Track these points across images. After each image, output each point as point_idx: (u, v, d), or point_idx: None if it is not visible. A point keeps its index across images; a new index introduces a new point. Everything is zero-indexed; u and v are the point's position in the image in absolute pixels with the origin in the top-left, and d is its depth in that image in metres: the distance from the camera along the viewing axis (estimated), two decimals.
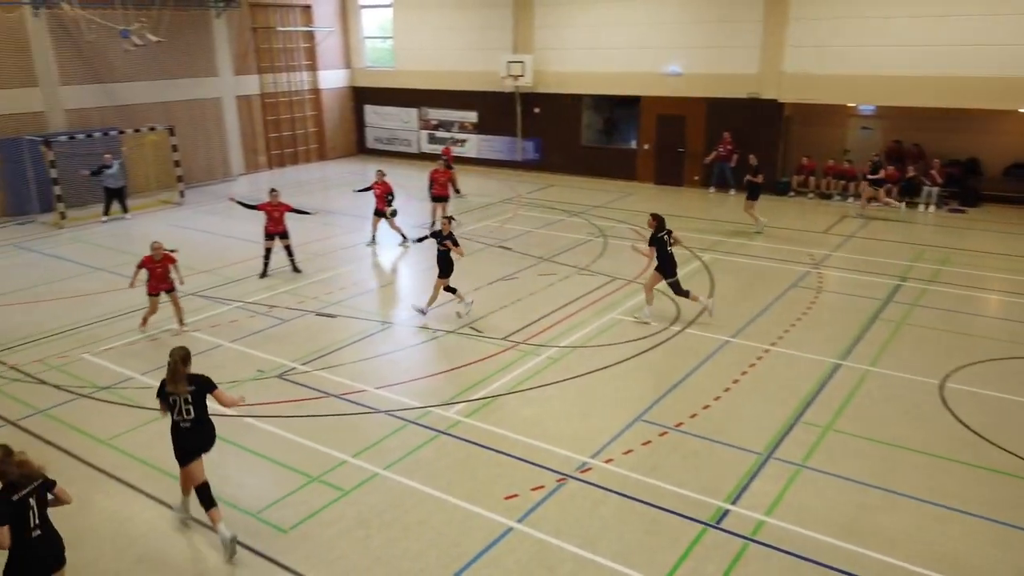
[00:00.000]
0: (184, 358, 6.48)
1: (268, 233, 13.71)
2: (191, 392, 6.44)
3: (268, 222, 13.66)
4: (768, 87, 19.91)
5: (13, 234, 17.43)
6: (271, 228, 13.68)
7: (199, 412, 6.52)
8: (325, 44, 26.60)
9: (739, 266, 14.38)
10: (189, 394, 6.43)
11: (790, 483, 7.47)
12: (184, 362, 6.46)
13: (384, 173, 16.02)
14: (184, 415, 6.48)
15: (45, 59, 19.12)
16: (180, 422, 6.50)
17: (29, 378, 9.94)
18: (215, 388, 6.60)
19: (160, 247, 11.15)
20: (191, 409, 6.47)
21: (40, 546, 5.29)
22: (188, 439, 6.54)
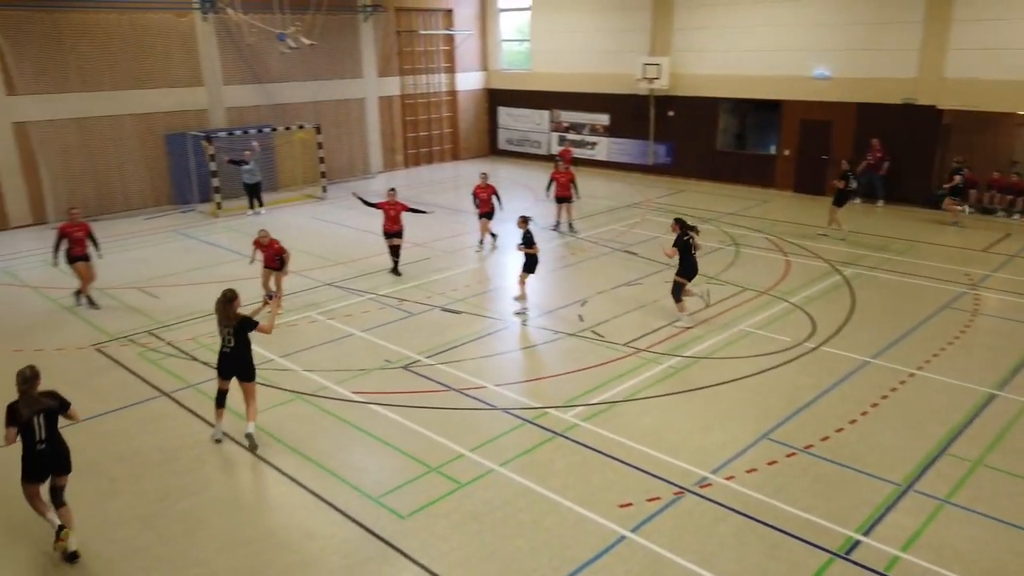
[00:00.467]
0: (228, 300, 8.13)
1: (385, 232, 14.11)
2: (234, 327, 8.13)
3: (385, 220, 14.03)
4: (926, 92, 18.55)
5: (175, 221, 18.99)
6: (387, 227, 14.03)
7: (239, 342, 8.17)
8: (463, 47, 27.27)
9: (883, 282, 13.48)
10: (232, 328, 8.13)
11: (931, 519, 6.91)
12: (228, 303, 8.13)
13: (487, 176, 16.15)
14: (227, 344, 8.18)
15: (211, 60, 20.70)
16: (223, 348, 8.21)
17: (183, 354, 10.78)
18: (256, 325, 8.25)
19: (266, 234, 12.23)
20: (232, 340, 8.14)
21: (43, 455, 6.47)
22: (225, 362, 8.24)
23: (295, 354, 10.67)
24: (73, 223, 12.38)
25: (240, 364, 8.19)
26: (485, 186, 15.74)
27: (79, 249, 12.32)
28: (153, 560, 6.49)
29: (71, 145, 18.62)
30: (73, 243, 12.26)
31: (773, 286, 13.28)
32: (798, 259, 14.92)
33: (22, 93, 17.63)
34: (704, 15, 22.08)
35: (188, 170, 20.05)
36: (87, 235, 12.39)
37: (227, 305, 8.09)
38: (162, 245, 16.77)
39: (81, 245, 12.32)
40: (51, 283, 13.92)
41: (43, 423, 6.39)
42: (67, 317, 12.32)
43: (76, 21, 18.25)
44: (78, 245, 12.30)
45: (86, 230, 12.42)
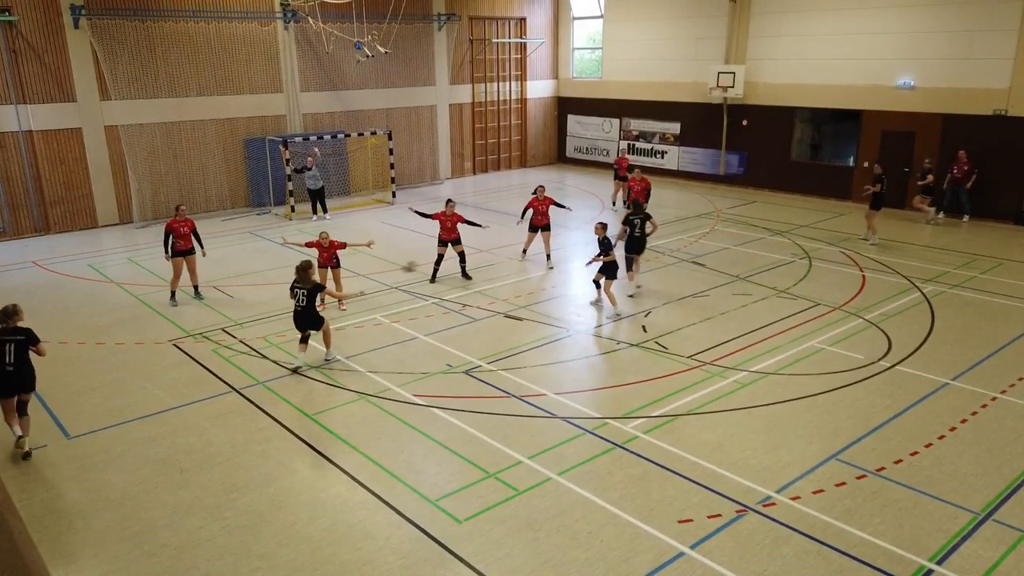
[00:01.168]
0: (307, 267, 10.25)
1: (440, 240, 14.21)
2: (308, 289, 10.13)
3: (441, 230, 14.16)
4: (1021, 104, 17.67)
5: (252, 223, 19.64)
6: (444, 235, 14.15)
7: (308, 303, 10.16)
8: (535, 55, 27.39)
9: (965, 301, 12.87)
10: (306, 290, 10.11)
11: (1011, 550, 6.53)
12: (305, 270, 10.21)
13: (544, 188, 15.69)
14: (299, 303, 10.17)
15: (290, 68, 21.38)
16: (296, 307, 10.24)
17: (254, 352, 11.12)
18: (324, 288, 10.55)
19: (327, 236, 12.78)
20: (304, 300, 10.12)
21: (10, 376, 8.14)
22: (297, 318, 10.34)
23: (360, 355, 10.87)
24: (180, 219, 13.09)
25: (309, 319, 10.28)
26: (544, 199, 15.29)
27: (185, 244, 13.04)
28: (218, 550, 6.69)
29: (157, 148, 19.50)
30: (179, 238, 12.98)
31: (847, 302, 12.84)
32: (875, 274, 14.39)
33: (115, 98, 18.56)
34: (782, 23, 21.60)
35: (265, 173, 20.74)
36: (192, 231, 13.13)
37: (305, 272, 10.18)
38: (238, 245, 17.37)
39: (187, 240, 13.06)
40: (135, 280, 14.58)
41: (12, 351, 8.12)
42: (147, 313, 12.88)
43: (167, 30, 19.12)
44: (184, 240, 13.02)
45: (191, 226, 13.16)
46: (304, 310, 10.18)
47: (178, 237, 12.96)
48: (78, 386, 10.04)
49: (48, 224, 18.40)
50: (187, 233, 13.05)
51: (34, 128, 17.72)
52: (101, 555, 6.67)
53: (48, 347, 8.84)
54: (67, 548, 6.77)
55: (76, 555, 6.68)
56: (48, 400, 9.62)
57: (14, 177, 17.74)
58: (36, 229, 18.29)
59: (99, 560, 6.60)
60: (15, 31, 17.10)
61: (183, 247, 13.03)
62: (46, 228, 18.40)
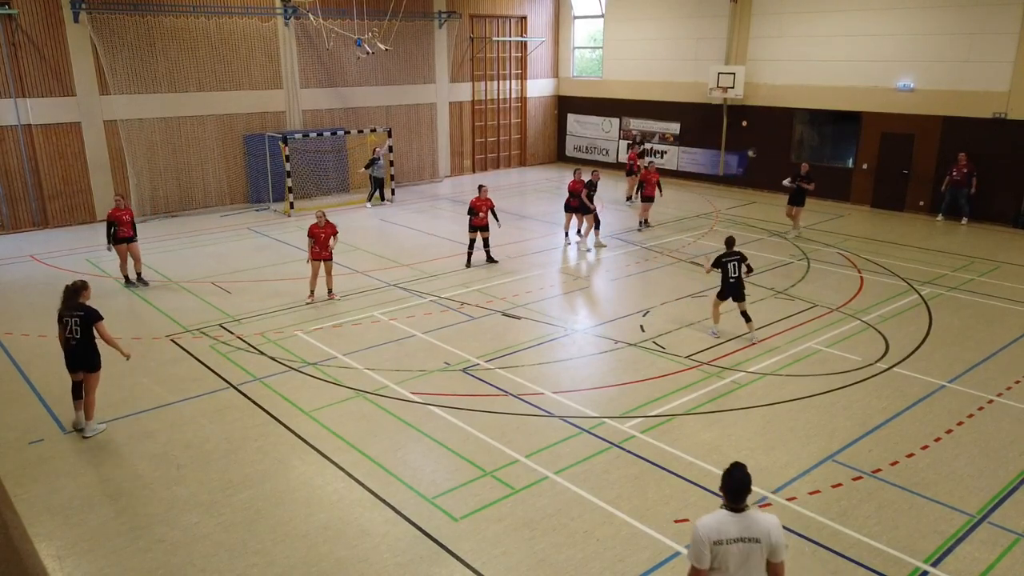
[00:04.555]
0: (78, 288, 8.48)
1: (472, 226, 14.88)
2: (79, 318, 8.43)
3: (474, 217, 14.79)
4: (1020, 107, 17.69)
5: (250, 219, 19.62)
6: (476, 222, 14.81)
7: (84, 334, 8.43)
8: (535, 54, 27.37)
9: (963, 303, 12.88)
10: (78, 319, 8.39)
11: (1006, 552, 6.55)
12: (77, 291, 8.47)
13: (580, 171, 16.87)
14: (71, 334, 8.43)
15: (290, 64, 21.35)
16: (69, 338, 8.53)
17: (251, 348, 11.11)
18: (100, 319, 8.62)
19: (323, 215, 13.00)
20: (78, 330, 8.39)
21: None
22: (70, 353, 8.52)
23: (358, 352, 10.87)
24: (121, 208, 13.66)
25: (84, 355, 8.50)
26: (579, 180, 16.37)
27: (127, 231, 13.61)
28: (214, 547, 6.69)
29: (156, 143, 19.46)
30: (121, 226, 13.55)
31: (845, 303, 12.86)
32: (873, 276, 14.40)
33: (114, 93, 18.53)
34: (782, 24, 21.60)
35: (264, 170, 20.72)
36: (133, 219, 13.77)
37: (77, 293, 8.44)
38: (236, 242, 17.35)
39: (128, 228, 13.63)
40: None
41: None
42: (145, 308, 12.87)
43: (167, 25, 19.08)
44: (125, 228, 13.59)
45: (132, 214, 13.80)
46: (79, 343, 8.37)
47: (121, 225, 13.54)
48: None
49: (46, 218, 18.37)
50: (129, 221, 13.62)
51: (33, 122, 17.68)
52: (97, 550, 6.67)
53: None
54: (63, 543, 6.76)
55: (72, 550, 6.68)
56: (45, 395, 9.61)
57: (12, 171, 17.70)
58: (34, 223, 18.26)
59: (95, 555, 6.60)
60: (15, 25, 17.06)
61: (125, 235, 13.60)
62: (44, 222, 18.37)
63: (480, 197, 14.84)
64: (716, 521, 4.41)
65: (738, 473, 4.45)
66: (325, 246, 12.83)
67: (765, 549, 4.38)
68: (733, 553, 4.34)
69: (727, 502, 4.45)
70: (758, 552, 4.37)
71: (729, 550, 4.34)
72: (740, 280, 11.21)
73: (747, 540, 4.34)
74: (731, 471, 4.48)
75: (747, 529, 4.36)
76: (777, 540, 4.39)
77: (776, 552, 4.40)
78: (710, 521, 4.42)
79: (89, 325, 8.35)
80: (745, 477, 4.43)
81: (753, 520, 4.40)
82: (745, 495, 4.42)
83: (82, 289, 8.48)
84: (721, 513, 4.44)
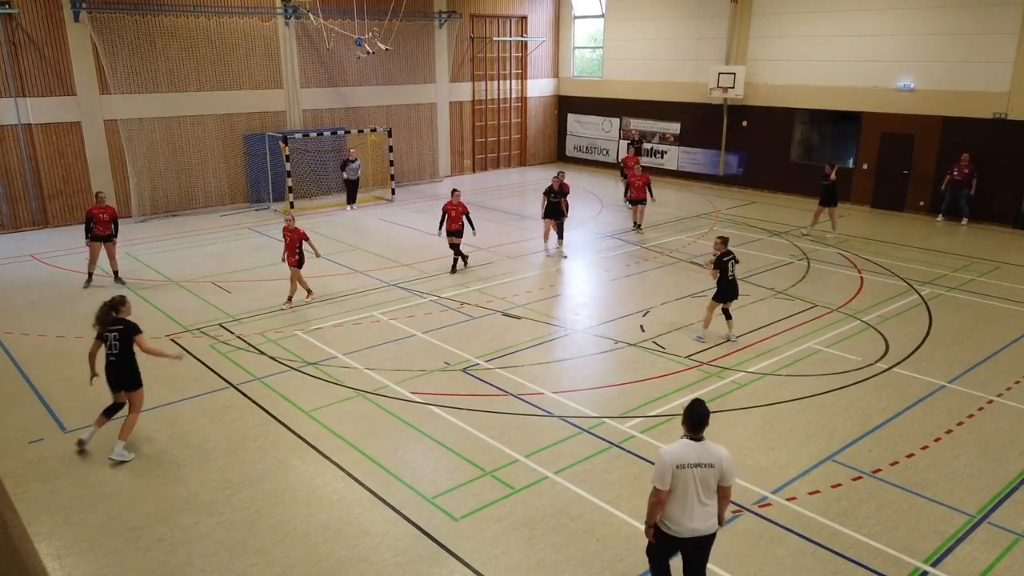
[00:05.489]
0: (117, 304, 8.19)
1: (449, 231, 14.53)
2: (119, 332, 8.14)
3: (448, 221, 14.46)
4: (1020, 108, 17.69)
5: (250, 219, 19.62)
6: (450, 226, 14.48)
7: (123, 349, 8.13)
8: (536, 54, 27.36)
9: (963, 304, 12.89)
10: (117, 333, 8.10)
11: (1006, 552, 6.55)
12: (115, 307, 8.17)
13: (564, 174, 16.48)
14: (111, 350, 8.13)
15: (291, 64, 21.34)
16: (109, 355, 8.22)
17: (251, 348, 11.11)
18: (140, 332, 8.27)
19: (291, 219, 12.75)
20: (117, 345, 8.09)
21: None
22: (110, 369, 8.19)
23: (358, 352, 10.87)
24: (100, 206, 13.59)
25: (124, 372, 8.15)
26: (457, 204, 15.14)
27: (103, 229, 13.55)
28: (214, 546, 6.69)
29: (156, 143, 19.45)
30: (98, 224, 13.47)
31: (845, 303, 12.86)
32: (873, 276, 14.41)
33: (115, 92, 18.53)
34: (782, 24, 21.60)
35: (264, 169, 20.71)
36: (112, 218, 13.64)
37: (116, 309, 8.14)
38: (236, 241, 17.35)
39: (106, 226, 13.55)
40: (133, 274, 14.56)
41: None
42: (145, 307, 12.85)
43: (167, 25, 19.08)
44: (102, 226, 13.51)
45: (111, 213, 13.69)
46: (118, 359, 8.04)
47: (97, 223, 13.46)
48: (75, 380, 10.01)
49: (46, 218, 18.36)
50: (107, 220, 13.53)
51: (33, 122, 17.67)
52: (97, 549, 6.67)
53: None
54: (63, 542, 6.76)
55: (72, 549, 6.68)
56: (45, 394, 9.61)
57: (13, 170, 17.70)
58: (34, 223, 18.26)
59: (95, 555, 6.60)
60: (15, 24, 17.06)
61: (101, 232, 13.53)
62: (44, 222, 18.37)
63: (452, 201, 14.42)
64: (679, 448, 5.19)
65: (698, 407, 5.23)
66: (293, 251, 12.59)
67: (718, 473, 5.17)
68: (692, 476, 5.13)
69: (688, 432, 5.24)
70: (712, 476, 5.17)
71: (690, 473, 5.12)
72: (735, 280, 11.18)
73: (704, 465, 5.14)
74: (692, 406, 5.26)
75: (704, 456, 5.15)
76: (728, 466, 5.20)
77: (726, 477, 5.20)
78: (674, 449, 5.20)
79: (128, 340, 7.99)
80: (704, 411, 5.21)
81: (708, 449, 5.19)
82: (703, 426, 5.21)
83: (120, 304, 8.11)
84: (683, 442, 5.22)
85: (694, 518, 5.18)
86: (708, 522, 5.24)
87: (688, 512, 5.16)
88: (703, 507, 5.19)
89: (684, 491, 5.13)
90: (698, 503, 5.16)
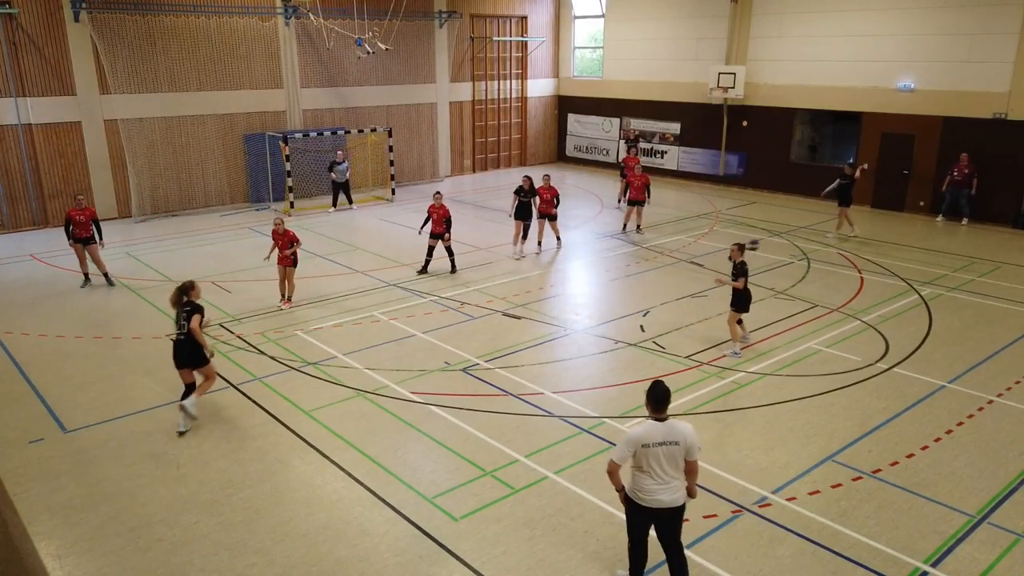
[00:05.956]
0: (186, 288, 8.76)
1: (432, 233, 14.43)
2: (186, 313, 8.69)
3: (431, 222, 14.37)
4: (1020, 108, 17.69)
5: (250, 218, 19.62)
6: (433, 228, 14.35)
7: None
8: (536, 54, 27.36)
9: (963, 304, 12.89)
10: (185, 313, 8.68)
11: (1006, 552, 6.55)
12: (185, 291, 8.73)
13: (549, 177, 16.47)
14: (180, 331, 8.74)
15: (291, 64, 21.34)
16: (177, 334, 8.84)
17: (251, 348, 11.11)
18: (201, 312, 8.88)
19: (281, 222, 12.59)
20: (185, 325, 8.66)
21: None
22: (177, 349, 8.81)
23: (358, 352, 10.87)
24: (79, 208, 13.47)
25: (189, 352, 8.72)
26: (549, 187, 15.91)
27: (84, 232, 13.41)
28: (214, 546, 6.69)
29: (157, 142, 19.45)
30: (77, 226, 13.36)
31: (845, 303, 12.86)
32: (873, 276, 14.41)
33: (115, 92, 18.53)
34: (783, 24, 21.61)
35: (264, 169, 20.71)
36: (92, 220, 13.50)
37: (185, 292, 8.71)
38: (236, 241, 17.35)
39: (86, 228, 13.41)
40: (133, 274, 14.57)
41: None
42: (145, 307, 12.86)
43: (167, 24, 19.08)
44: (82, 228, 13.39)
45: (90, 215, 13.53)
46: (186, 338, 8.60)
47: (76, 225, 13.34)
48: (75, 380, 10.03)
49: (46, 217, 18.36)
50: (85, 222, 13.37)
51: (33, 121, 17.68)
52: (97, 549, 6.67)
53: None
54: (63, 542, 6.77)
55: (72, 549, 6.68)
56: (45, 394, 9.61)
57: (13, 170, 17.70)
58: (34, 222, 18.26)
59: (95, 554, 6.60)
60: (15, 24, 17.06)
61: (81, 235, 13.41)
62: (44, 221, 18.36)
63: (434, 204, 14.30)
64: (644, 429, 5.55)
65: (660, 387, 5.60)
66: (284, 251, 12.55)
67: (683, 449, 5.55)
68: (659, 454, 5.49)
69: (651, 413, 5.60)
70: (679, 452, 5.54)
71: (656, 451, 5.49)
72: None
73: (669, 443, 5.51)
74: (654, 387, 5.61)
75: (669, 434, 5.52)
76: (692, 441, 5.57)
77: (691, 451, 5.58)
78: (639, 430, 5.56)
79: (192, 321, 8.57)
80: (665, 390, 5.58)
81: (673, 427, 5.55)
82: (666, 406, 5.57)
83: (189, 289, 8.71)
84: (648, 423, 5.58)
85: (664, 492, 5.59)
86: (676, 494, 5.64)
87: (659, 487, 5.56)
88: (672, 481, 5.58)
89: (653, 468, 5.51)
90: (667, 478, 5.56)
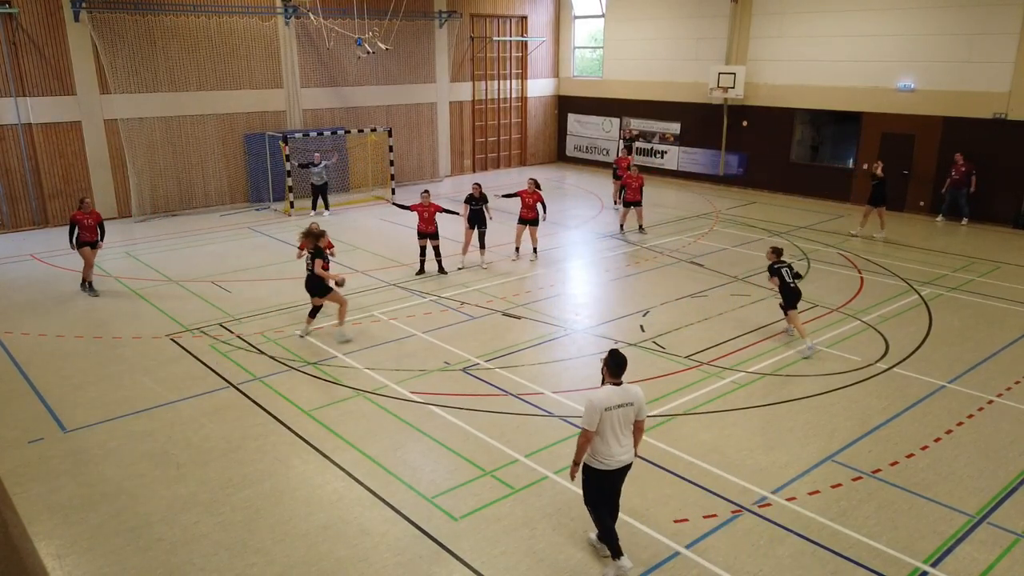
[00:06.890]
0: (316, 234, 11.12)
1: (420, 232, 14.29)
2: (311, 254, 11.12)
3: (419, 222, 14.21)
4: (1020, 108, 17.69)
5: (250, 218, 19.62)
6: (422, 227, 14.21)
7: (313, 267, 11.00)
8: (536, 54, 27.37)
9: (963, 304, 12.89)
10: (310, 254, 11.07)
11: (1006, 553, 6.55)
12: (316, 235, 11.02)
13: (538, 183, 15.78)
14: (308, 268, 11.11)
15: (291, 63, 21.34)
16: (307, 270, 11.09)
17: (251, 347, 11.11)
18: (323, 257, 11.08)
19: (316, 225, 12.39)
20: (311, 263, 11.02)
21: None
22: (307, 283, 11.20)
23: (358, 352, 10.87)
24: (85, 211, 13.44)
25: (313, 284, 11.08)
26: (533, 192, 15.39)
27: (89, 235, 13.39)
28: (213, 546, 6.69)
29: (157, 142, 19.45)
30: (83, 230, 13.31)
31: (845, 303, 12.86)
32: (873, 276, 14.41)
33: (115, 92, 18.52)
34: (783, 24, 21.61)
35: (264, 169, 20.71)
36: (97, 223, 13.49)
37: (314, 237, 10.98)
38: (236, 241, 17.35)
39: (91, 232, 13.40)
40: (132, 274, 14.57)
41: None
42: (145, 307, 12.87)
43: (167, 24, 19.08)
44: (88, 232, 13.36)
45: (96, 218, 13.52)
46: (311, 275, 11.00)
47: (83, 229, 13.28)
48: (75, 380, 10.03)
49: (46, 217, 18.36)
50: (92, 225, 13.37)
51: (33, 121, 17.68)
52: (96, 549, 6.67)
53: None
54: (63, 542, 6.77)
55: (72, 549, 6.68)
56: (45, 394, 9.61)
57: (13, 170, 17.70)
58: (34, 222, 18.26)
59: (95, 554, 6.60)
60: (15, 23, 17.06)
61: (87, 239, 13.36)
62: (44, 221, 18.37)
63: (422, 203, 14.13)
64: (605, 394, 6.01)
65: (618, 355, 6.09)
66: None
67: (636, 409, 6.08)
68: (616, 416, 5.98)
69: (610, 378, 6.06)
70: (632, 412, 6.08)
71: (614, 414, 5.97)
72: (797, 287, 11.07)
73: (624, 405, 6.01)
74: (613, 355, 6.09)
75: (625, 397, 6.02)
76: (642, 402, 6.11)
77: (641, 411, 6.12)
78: (601, 394, 6.00)
79: (314, 262, 10.79)
80: (623, 358, 6.08)
81: (627, 389, 6.07)
82: (623, 371, 6.05)
83: (319, 235, 10.91)
84: (607, 388, 6.05)
85: (623, 453, 6.10)
86: (629, 452, 6.17)
87: (618, 448, 6.04)
88: (626, 441, 6.10)
89: (609, 429, 5.97)
90: (623, 439, 6.06)
